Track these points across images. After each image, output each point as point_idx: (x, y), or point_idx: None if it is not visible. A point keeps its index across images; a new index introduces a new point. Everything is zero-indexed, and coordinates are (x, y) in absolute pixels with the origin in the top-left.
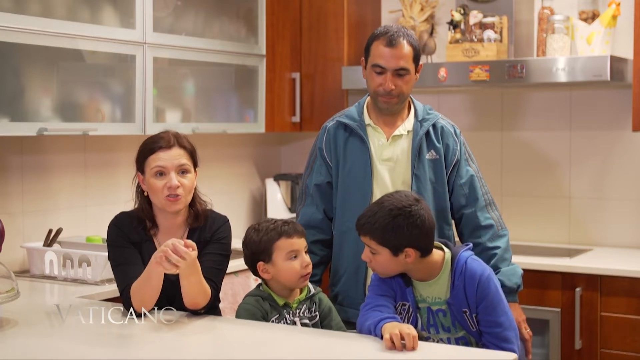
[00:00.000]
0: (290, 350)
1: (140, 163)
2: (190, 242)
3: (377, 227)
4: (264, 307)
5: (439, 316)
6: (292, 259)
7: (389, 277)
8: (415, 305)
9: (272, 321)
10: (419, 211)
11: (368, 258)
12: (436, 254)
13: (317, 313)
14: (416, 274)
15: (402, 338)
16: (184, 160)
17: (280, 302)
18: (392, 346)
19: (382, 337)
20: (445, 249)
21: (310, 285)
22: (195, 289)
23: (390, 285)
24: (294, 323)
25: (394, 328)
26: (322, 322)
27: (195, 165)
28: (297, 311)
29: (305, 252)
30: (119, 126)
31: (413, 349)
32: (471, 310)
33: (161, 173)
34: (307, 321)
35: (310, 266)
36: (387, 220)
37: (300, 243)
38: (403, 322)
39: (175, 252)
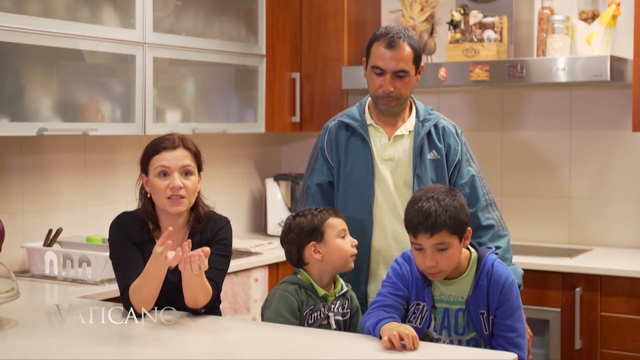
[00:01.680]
0: (291, 350)
1: (145, 164)
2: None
3: (451, 213)
4: (300, 296)
5: (457, 316)
6: (343, 238)
7: (423, 274)
8: (432, 305)
9: (306, 312)
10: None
11: (434, 261)
12: (464, 251)
13: (348, 310)
14: None
15: (402, 338)
16: (188, 161)
17: (321, 292)
18: (391, 347)
19: (381, 338)
20: (471, 249)
21: (342, 281)
22: (198, 285)
23: (406, 284)
24: (327, 317)
25: (392, 329)
26: (350, 320)
27: (199, 168)
28: (332, 306)
29: None
30: (119, 126)
31: (414, 348)
32: (489, 313)
33: (164, 173)
34: (339, 317)
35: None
36: (452, 202)
37: (345, 224)
38: (416, 322)
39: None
